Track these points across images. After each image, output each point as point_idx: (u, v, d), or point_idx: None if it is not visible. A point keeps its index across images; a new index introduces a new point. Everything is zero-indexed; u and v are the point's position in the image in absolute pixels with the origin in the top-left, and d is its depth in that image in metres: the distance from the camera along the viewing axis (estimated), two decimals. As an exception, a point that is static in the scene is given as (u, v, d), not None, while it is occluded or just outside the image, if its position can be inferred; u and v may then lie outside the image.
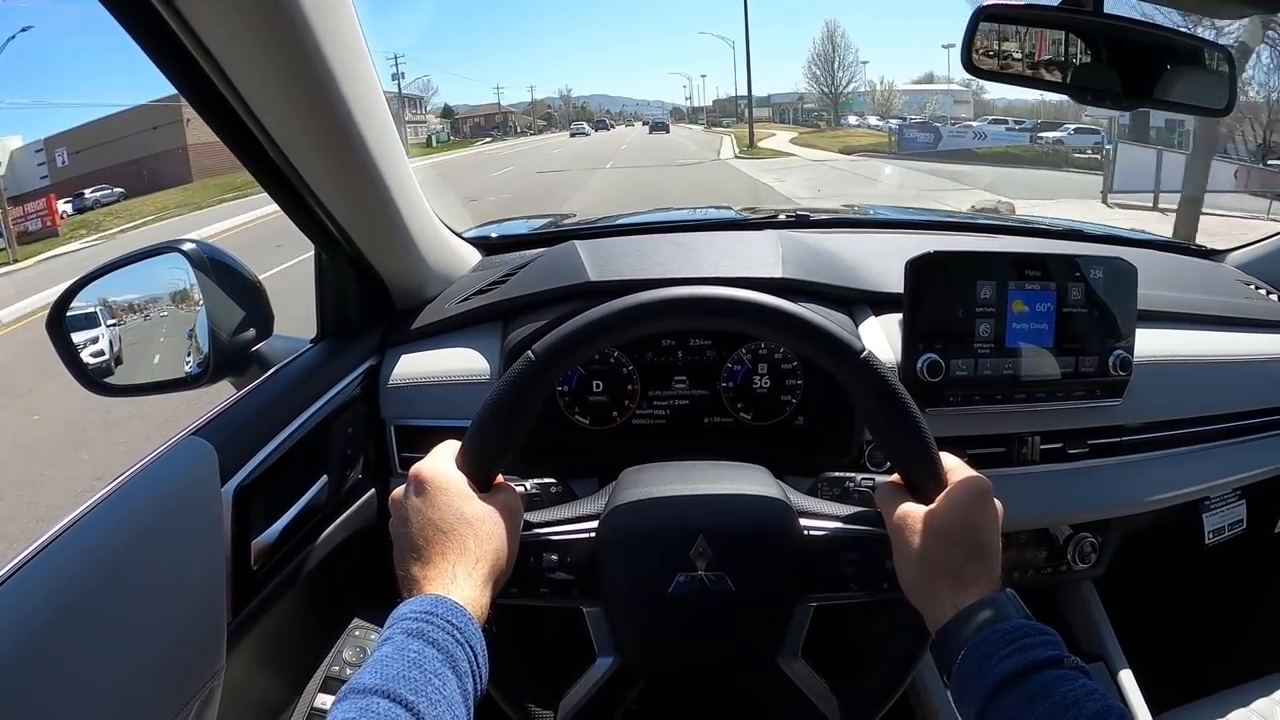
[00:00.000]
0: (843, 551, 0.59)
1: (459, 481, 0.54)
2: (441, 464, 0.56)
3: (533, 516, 0.60)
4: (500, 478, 0.59)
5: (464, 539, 0.52)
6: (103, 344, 0.84)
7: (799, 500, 0.62)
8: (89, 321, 0.81)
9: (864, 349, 0.56)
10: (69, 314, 0.79)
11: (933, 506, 0.55)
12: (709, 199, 11.33)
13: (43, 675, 0.49)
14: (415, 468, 0.56)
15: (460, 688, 0.45)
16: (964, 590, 0.51)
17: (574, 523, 0.60)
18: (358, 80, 0.65)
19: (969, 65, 0.80)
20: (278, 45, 0.57)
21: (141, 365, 0.86)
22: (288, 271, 4.76)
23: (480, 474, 0.56)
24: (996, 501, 0.56)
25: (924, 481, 0.56)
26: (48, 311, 0.79)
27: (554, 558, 0.58)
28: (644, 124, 48.70)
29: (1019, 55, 0.83)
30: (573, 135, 40.76)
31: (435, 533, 0.52)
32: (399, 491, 0.56)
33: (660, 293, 0.57)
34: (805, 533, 0.60)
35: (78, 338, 0.78)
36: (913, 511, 0.55)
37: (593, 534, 0.59)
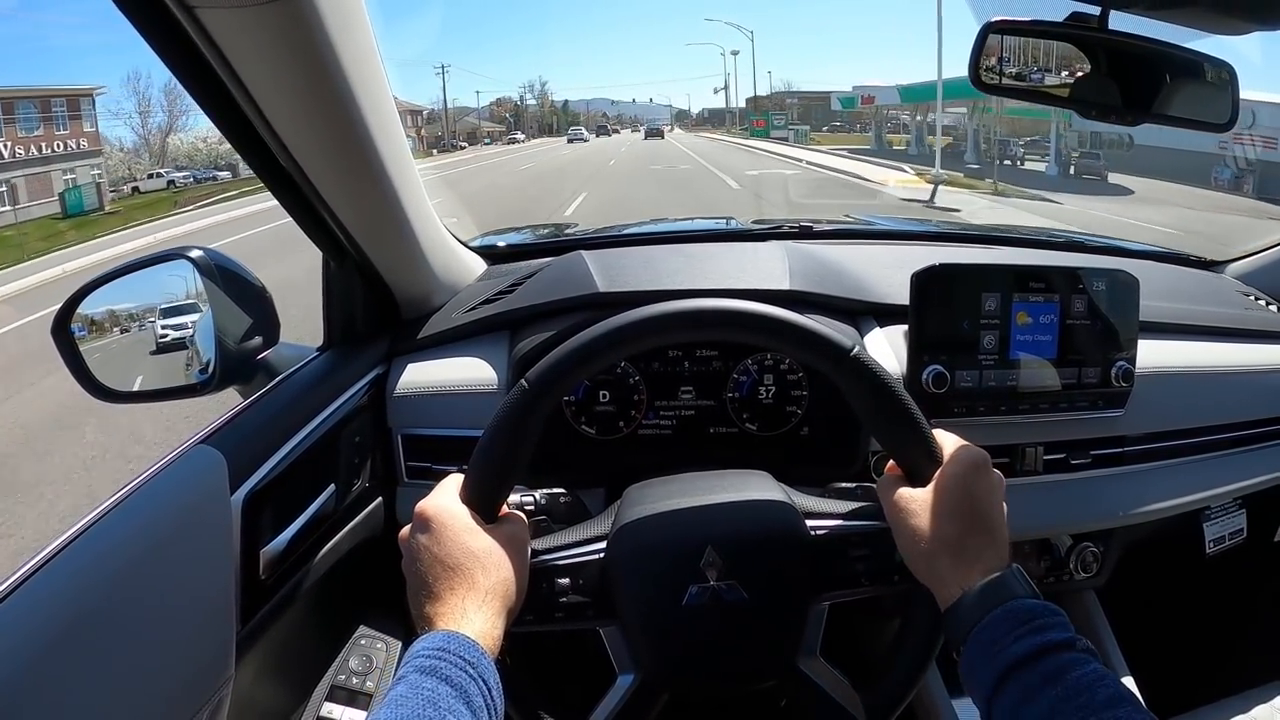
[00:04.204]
0: (851, 548, 0.60)
1: (463, 515, 0.54)
2: (445, 499, 0.56)
3: (540, 543, 0.60)
4: (506, 507, 0.58)
5: (472, 573, 0.52)
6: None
7: (802, 501, 0.63)
8: (190, 309, 0.85)
9: (854, 346, 0.57)
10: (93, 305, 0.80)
11: (929, 485, 0.55)
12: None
13: (52, 683, 0.49)
14: (419, 505, 0.56)
15: None
16: (968, 568, 0.51)
17: (582, 545, 0.60)
18: (372, 90, 0.65)
19: (976, 80, 0.80)
20: (295, 56, 0.57)
21: (149, 371, 0.86)
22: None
23: (484, 506, 0.56)
24: (996, 471, 0.56)
25: (921, 464, 0.56)
26: (53, 318, 0.79)
27: (565, 581, 0.59)
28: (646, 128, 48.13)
29: (1025, 70, 0.84)
30: (570, 140, 40.27)
31: (443, 570, 0.52)
32: (406, 531, 0.56)
33: (650, 310, 0.57)
34: (812, 533, 0.60)
35: (185, 319, 0.83)
36: (909, 493, 0.56)
37: (602, 554, 0.60)
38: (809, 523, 0.60)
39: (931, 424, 0.66)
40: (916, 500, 0.55)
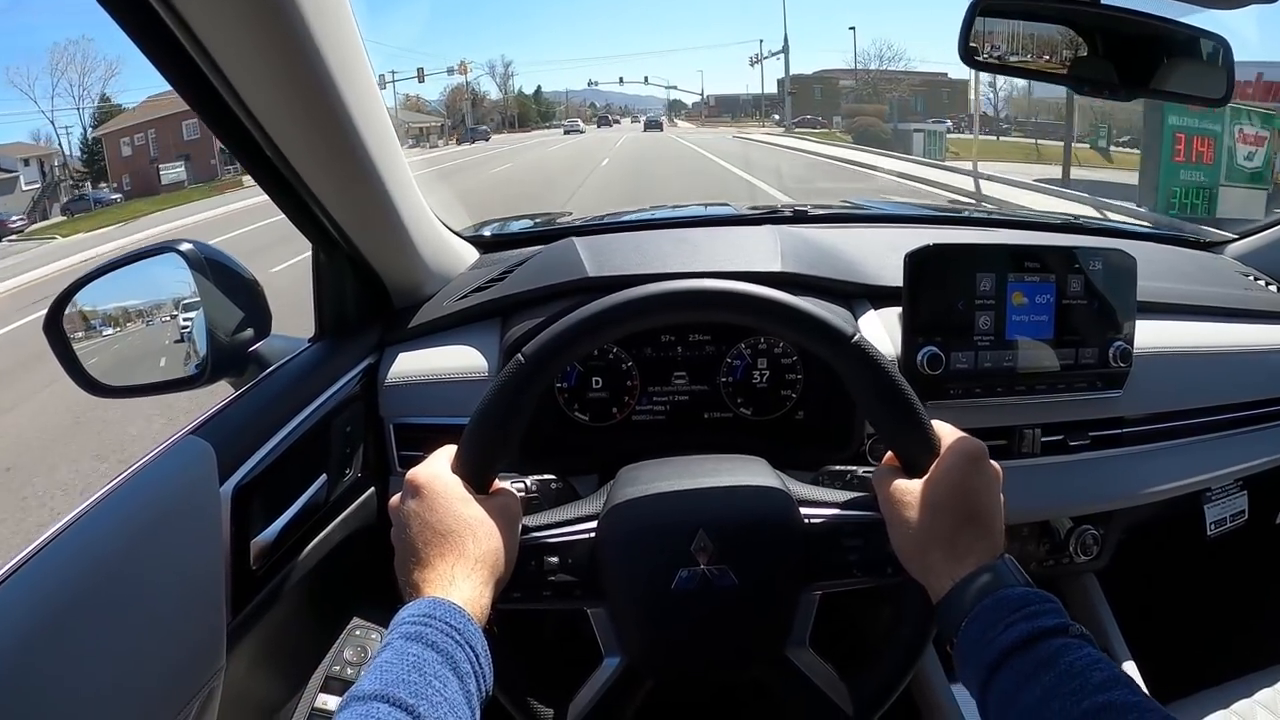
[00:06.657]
0: (845, 538, 0.59)
1: (455, 485, 0.54)
2: (437, 468, 0.56)
3: (531, 520, 0.59)
4: (499, 480, 0.58)
5: (462, 541, 0.51)
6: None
7: (798, 489, 0.62)
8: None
9: (855, 333, 0.56)
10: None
11: (924, 477, 0.55)
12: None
13: (41, 675, 0.48)
14: (411, 473, 0.55)
15: (462, 689, 0.45)
16: (960, 560, 0.51)
17: (573, 524, 0.60)
18: (355, 79, 0.64)
19: (966, 58, 0.79)
20: (275, 46, 0.56)
21: (140, 366, 0.86)
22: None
23: (477, 477, 0.56)
24: (994, 464, 0.55)
25: (918, 455, 0.56)
26: (45, 314, 0.79)
27: (554, 560, 0.58)
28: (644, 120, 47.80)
29: (1017, 47, 0.83)
30: (566, 133, 40.15)
31: (433, 535, 0.52)
32: (396, 499, 0.55)
33: (650, 287, 0.57)
34: (806, 521, 0.59)
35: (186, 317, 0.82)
36: (904, 485, 0.55)
37: (592, 534, 0.59)
38: (803, 510, 0.60)
39: (928, 405, 0.65)
40: (911, 492, 0.54)
